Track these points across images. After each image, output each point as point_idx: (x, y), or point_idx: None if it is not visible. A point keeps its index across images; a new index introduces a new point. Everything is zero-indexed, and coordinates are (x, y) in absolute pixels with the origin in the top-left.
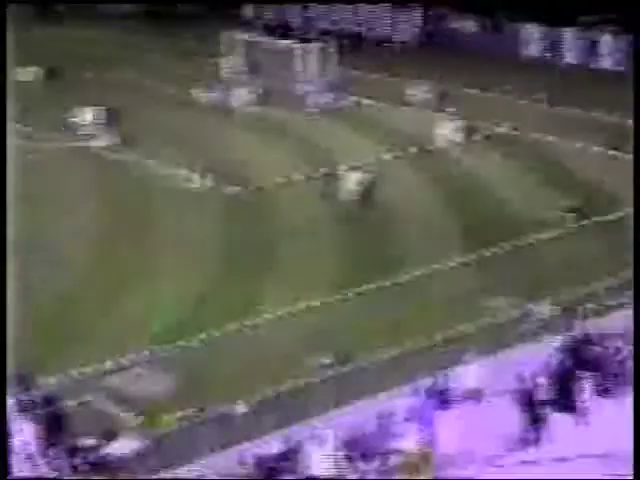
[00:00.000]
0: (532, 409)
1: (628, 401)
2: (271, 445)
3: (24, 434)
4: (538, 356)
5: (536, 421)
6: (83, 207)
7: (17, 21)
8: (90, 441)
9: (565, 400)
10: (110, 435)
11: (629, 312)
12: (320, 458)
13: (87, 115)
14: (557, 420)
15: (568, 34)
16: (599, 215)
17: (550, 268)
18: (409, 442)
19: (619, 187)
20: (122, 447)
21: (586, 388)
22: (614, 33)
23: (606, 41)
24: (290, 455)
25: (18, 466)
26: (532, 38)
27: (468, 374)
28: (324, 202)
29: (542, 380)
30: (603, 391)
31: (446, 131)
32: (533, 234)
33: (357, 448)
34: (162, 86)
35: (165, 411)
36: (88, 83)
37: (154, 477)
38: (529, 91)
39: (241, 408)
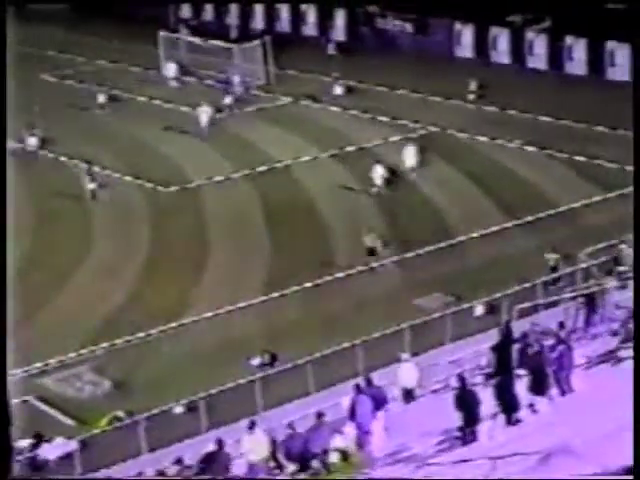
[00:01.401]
0: (467, 407)
1: (566, 399)
2: (203, 446)
3: None
4: (474, 355)
5: (471, 420)
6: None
7: None
8: (23, 443)
9: (501, 398)
10: (43, 437)
11: (559, 310)
12: (252, 458)
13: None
14: (493, 418)
15: (500, 34)
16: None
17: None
18: (343, 441)
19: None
20: (55, 449)
21: (522, 386)
22: (546, 32)
23: (538, 40)
24: (222, 456)
25: None
26: (464, 38)
27: (402, 373)
28: (255, 201)
29: (477, 379)
30: (539, 389)
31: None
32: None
33: (290, 448)
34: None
35: (98, 412)
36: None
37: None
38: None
39: (177, 409)
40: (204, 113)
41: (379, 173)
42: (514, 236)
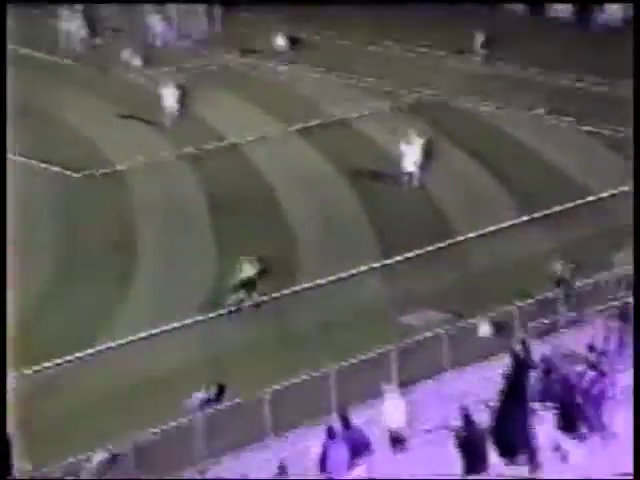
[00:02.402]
0: (471, 451)
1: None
2: None
3: None
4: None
5: (476, 465)
6: None
7: None
8: None
9: (514, 440)
10: None
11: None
12: None
13: None
14: (504, 464)
15: None
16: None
17: None
18: None
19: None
20: None
21: (542, 424)
22: None
23: None
24: None
25: None
26: None
27: (387, 410)
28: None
29: (484, 415)
30: (565, 427)
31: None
32: None
33: None
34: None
35: None
36: None
37: None
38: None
39: (95, 459)
40: (170, 96)
41: (410, 158)
42: (531, 234)
